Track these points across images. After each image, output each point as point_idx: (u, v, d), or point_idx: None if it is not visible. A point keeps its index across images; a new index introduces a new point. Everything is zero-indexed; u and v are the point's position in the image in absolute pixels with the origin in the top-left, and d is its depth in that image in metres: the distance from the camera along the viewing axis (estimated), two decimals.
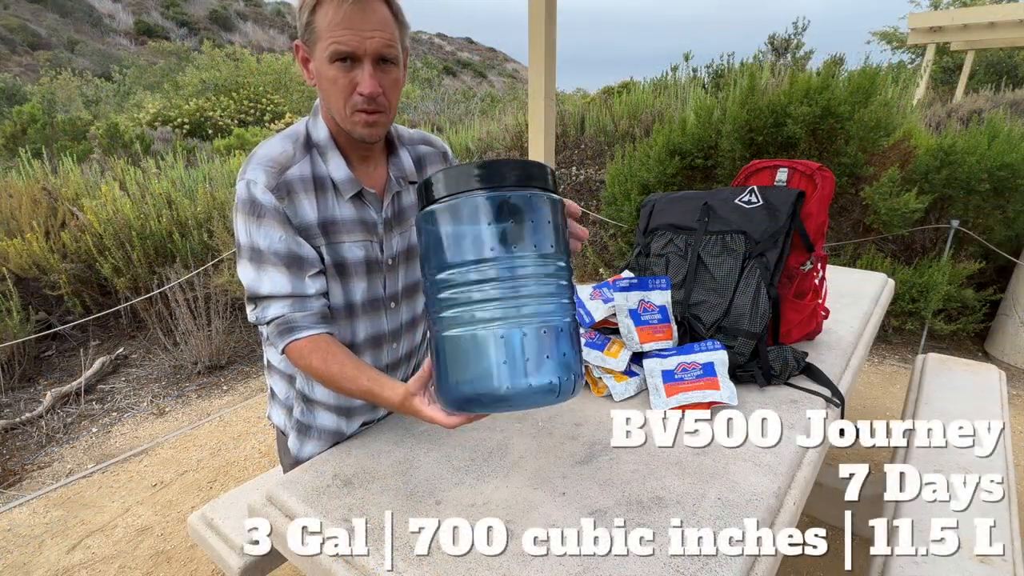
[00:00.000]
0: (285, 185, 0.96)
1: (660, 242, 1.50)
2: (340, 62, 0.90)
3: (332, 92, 0.93)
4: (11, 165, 5.96)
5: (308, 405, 1.15)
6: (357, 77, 0.91)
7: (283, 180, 0.96)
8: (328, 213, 1.01)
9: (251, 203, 0.95)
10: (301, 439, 1.17)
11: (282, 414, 1.21)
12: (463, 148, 6.97)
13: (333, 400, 1.13)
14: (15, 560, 2.05)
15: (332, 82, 0.92)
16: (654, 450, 1.06)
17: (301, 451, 1.17)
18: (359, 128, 0.96)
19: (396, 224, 1.10)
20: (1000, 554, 1.22)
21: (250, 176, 0.95)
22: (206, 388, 3.29)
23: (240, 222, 0.97)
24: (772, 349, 1.36)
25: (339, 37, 0.88)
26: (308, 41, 0.92)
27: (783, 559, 0.92)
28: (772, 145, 3.68)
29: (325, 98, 0.96)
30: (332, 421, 1.15)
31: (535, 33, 3.54)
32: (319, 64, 0.92)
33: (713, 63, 7.65)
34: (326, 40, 0.89)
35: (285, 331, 0.97)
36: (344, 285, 1.05)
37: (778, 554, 0.88)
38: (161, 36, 28.36)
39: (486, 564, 0.81)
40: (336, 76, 0.91)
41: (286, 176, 0.97)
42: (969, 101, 7.52)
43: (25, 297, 3.57)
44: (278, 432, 1.25)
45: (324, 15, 0.88)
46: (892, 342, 3.73)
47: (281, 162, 0.97)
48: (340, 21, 0.88)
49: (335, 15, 0.88)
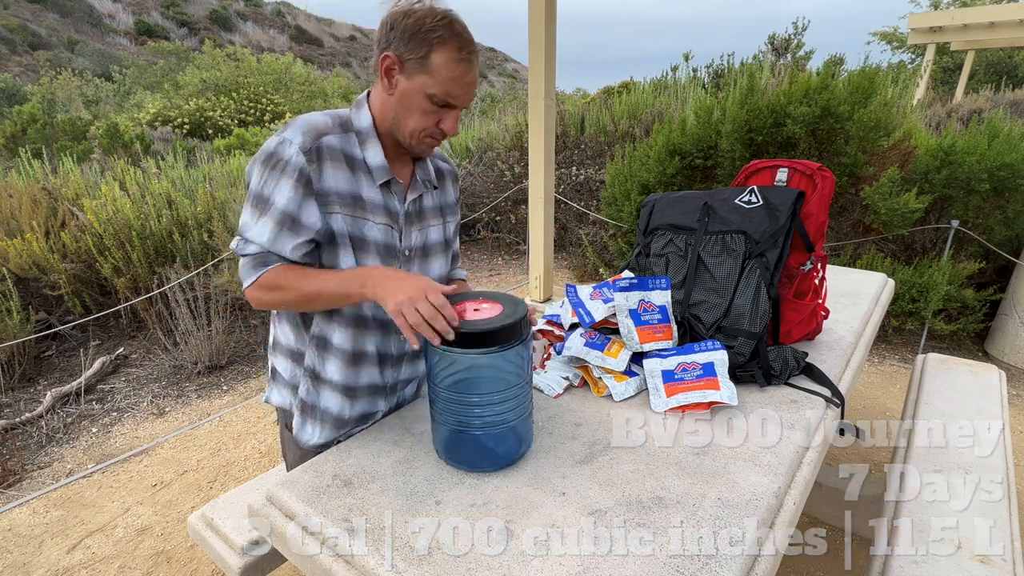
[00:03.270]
0: (318, 150, 1.02)
1: (660, 242, 1.50)
2: (439, 105, 1.02)
3: (415, 118, 1.04)
4: (11, 165, 5.96)
5: (315, 383, 1.15)
6: (443, 116, 1.04)
7: (318, 145, 1.02)
8: (356, 188, 1.06)
9: (277, 158, 1.00)
10: (303, 419, 1.17)
11: (286, 393, 1.20)
12: (463, 148, 6.98)
13: (340, 378, 1.14)
14: (15, 560, 2.05)
15: (421, 112, 1.03)
16: (654, 450, 1.07)
17: (302, 432, 1.17)
18: (422, 148, 1.08)
19: (416, 220, 1.16)
20: (1000, 554, 1.22)
21: (288, 135, 1.01)
22: (206, 388, 3.29)
23: (257, 170, 1.02)
24: (772, 349, 1.36)
25: (452, 90, 1.01)
26: (412, 66, 0.99)
27: (783, 559, 0.92)
28: (772, 145, 3.68)
29: (402, 114, 1.04)
30: (336, 403, 1.16)
31: (535, 33, 3.54)
32: (414, 91, 1.01)
33: (713, 63, 7.65)
34: (438, 84, 1.00)
35: (259, 264, 1.03)
36: (359, 258, 1.08)
37: (778, 554, 0.88)
38: (161, 36, 28.36)
39: (486, 564, 0.81)
40: (428, 109, 1.02)
41: (321, 142, 1.03)
42: (969, 101, 7.52)
43: (25, 297, 3.57)
44: (279, 414, 1.25)
45: (443, 60, 0.98)
46: (892, 342, 3.73)
47: (320, 129, 1.03)
48: (457, 76, 1.00)
49: (454, 68, 0.99)
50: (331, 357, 1.13)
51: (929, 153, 3.38)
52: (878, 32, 17.87)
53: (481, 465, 1.01)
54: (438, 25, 0.97)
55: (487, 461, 1.01)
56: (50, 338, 3.71)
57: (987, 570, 1.18)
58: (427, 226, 1.19)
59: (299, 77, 15.55)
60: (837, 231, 3.73)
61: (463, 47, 0.99)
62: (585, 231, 5.36)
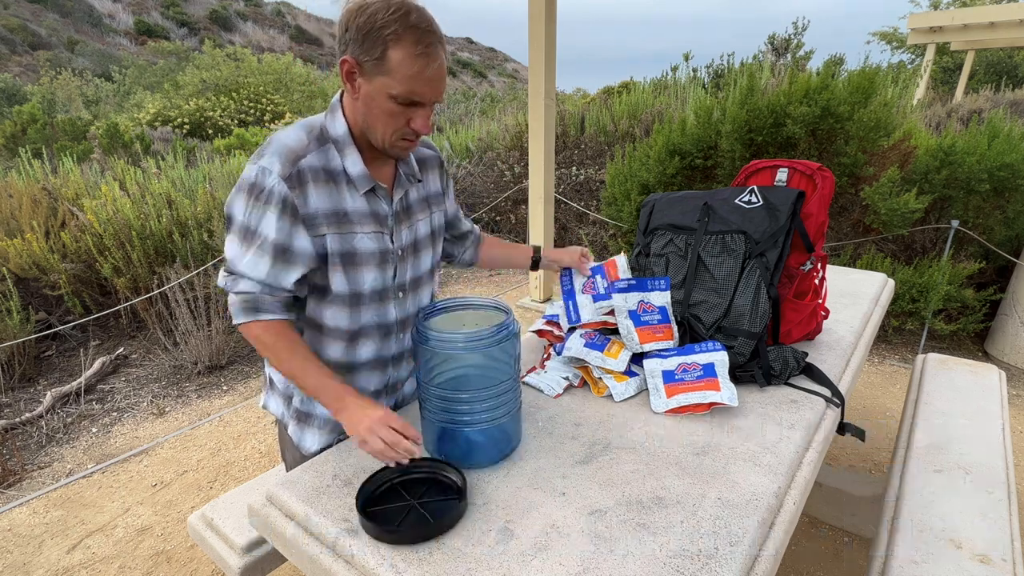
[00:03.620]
0: (299, 174, 0.99)
1: (660, 242, 1.50)
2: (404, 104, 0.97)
3: (383, 120, 0.99)
4: (11, 165, 5.96)
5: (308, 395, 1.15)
6: (412, 115, 0.99)
7: (297, 169, 0.99)
8: (340, 204, 1.04)
9: (260, 188, 0.98)
10: (301, 427, 1.17)
11: (280, 403, 1.21)
12: (463, 148, 6.97)
13: None
14: (15, 560, 2.05)
15: (388, 114, 0.98)
16: (654, 450, 1.07)
17: (302, 440, 1.17)
18: (397, 151, 1.04)
19: (404, 217, 1.15)
20: (1000, 554, 1.22)
21: (266, 164, 0.98)
22: (206, 388, 3.29)
23: (241, 201, 0.99)
24: (772, 349, 1.36)
25: (414, 87, 0.95)
26: (369, 68, 0.94)
27: (783, 558, 0.92)
28: (772, 145, 3.68)
29: (371, 120, 1.00)
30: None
31: (535, 33, 3.54)
32: (376, 93, 0.96)
33: (713, 63, 7.65)
34: (398, 84, 0.94)
35: (250, 309, 1.02)
36: (350, 274, 1.07)
37: (778, 554, 0.88)
38: (161, 36, 28.36)
39: (486, 564, 0.81)
40: (394, 110, 0.97)
41: (300, 165, 1.00)
42: (969, 101, 7.52)
43: (25, 297, 3.57)
44: (277, 421, 1.25)
45: (399, 58, 0.92)
46: (892, 342, 3.73)
47: (297, 151, 1.00)
48: (416, 73, 0.94)
49: (411, 65, 0.93)
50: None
51: (929, 153, 3.38)
52: (878, 32, 17.87)
53: (471, 461, 1.02)
54: (391, 20, 0.90)
55: (477, 457, 1.02)
56: (50, 338, 3.71)
57: (987, 570, 1.18)
58: (415, 221, 1.17)
59: (299, 77, 15.54)
60: (837, 231, 3.73)
61: (420, 40, 0.92)
62: (585, 231, 5.36)
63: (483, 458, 1.02)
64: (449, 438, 1.02)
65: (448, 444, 1.02)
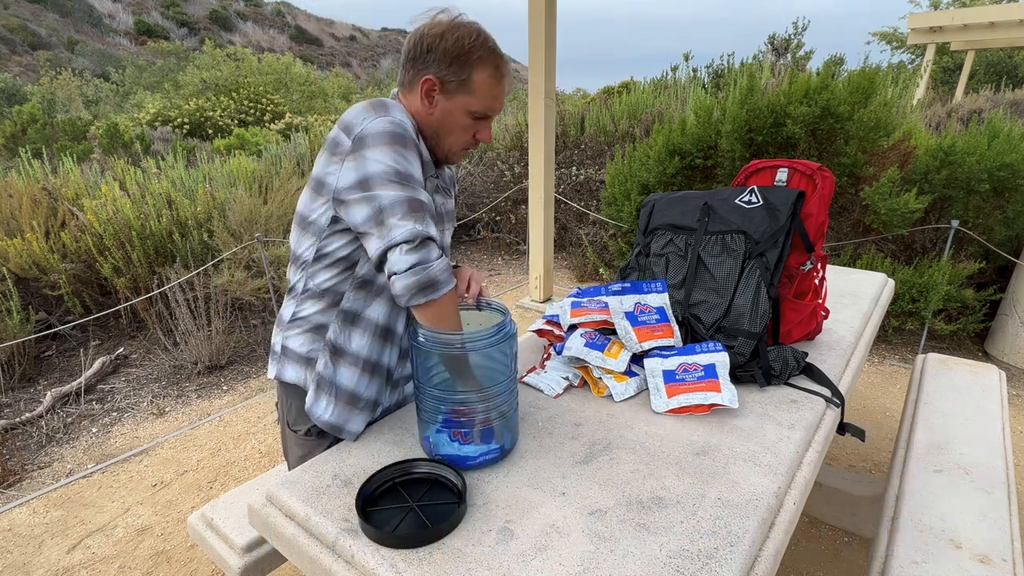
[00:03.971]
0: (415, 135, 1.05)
1: (660, 242, 1.50)
2: (477, 119, 1.08)
3: (456, 132, 1.09)
4: (11, 165, 5.96)
5: (335, 358, 1.14)
6: (479, 127, 1.11)
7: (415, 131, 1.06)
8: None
9: (405, 138, 1.00)
10: (318, 393, 1.15)
11: (300, 368, 1.17)
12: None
13: (364, 352, 1.15)
14: (15, 560, 2.05)
15: (462, 127, 1.09)
16: (654, 450, 1.07)
17: (315, 406, 1.15)
18: (458, 158, 1.15)
19: (438, 222, 1.18)
20: (1000, 554, 1.22)
21: (397, 117, 1.01)
22: (206, 388, 3.29)
23: (384, 151, 0.97)
24: (772, 349, 1.36)
25: (493, 104, 1.08)
26: (453, 87, 1.05)
27: (783, 558, 0.92)
28: (772, 145, 3.68)
29: (444, 132, 1.09)
30: (352, 379, 1.15)
31: (535, 33, 3.54)
32: (455, 108, 1.07)
33: (713, 63, 7.66)
34: (480, 101, 1.06)
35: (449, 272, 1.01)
36: None
37: (778, 554, 0.88)
38: (161, 36, 28.37)
39: (486, 564, 0.81)
40: (468, 124, 1.09)
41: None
42: (969, 101, 7.52)
43: (25, 297, 3.57)
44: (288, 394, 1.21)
45: (483, 78, 1.05)
46: (892, 342, 3.73)
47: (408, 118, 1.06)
48: (495, 93, 1.07)
49: (493, 85, 1.06)
50: (358, 330, 1.14)
51: (929, 153, 3.38)
52: (878, 32, 17.88)
53: (468, 463, 1.02)
54: (476, 45, 1.03)
55: (473, 459, 1.02)
56: (50, 338, 3.71)
57: (987, 570, 1.18)
58: (444, 229, 1.22)
59: (299, 77, 15.55)
60: (837, 231, 3.74)
61: (499, 64, 1.06)
62: (585, 231, 5.36)
63: (480, 460, 1.02)
64: (445, 439, 1.02)
65: (444, 445, 1.02)
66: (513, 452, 1.07)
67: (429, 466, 0.99)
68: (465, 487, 0.92)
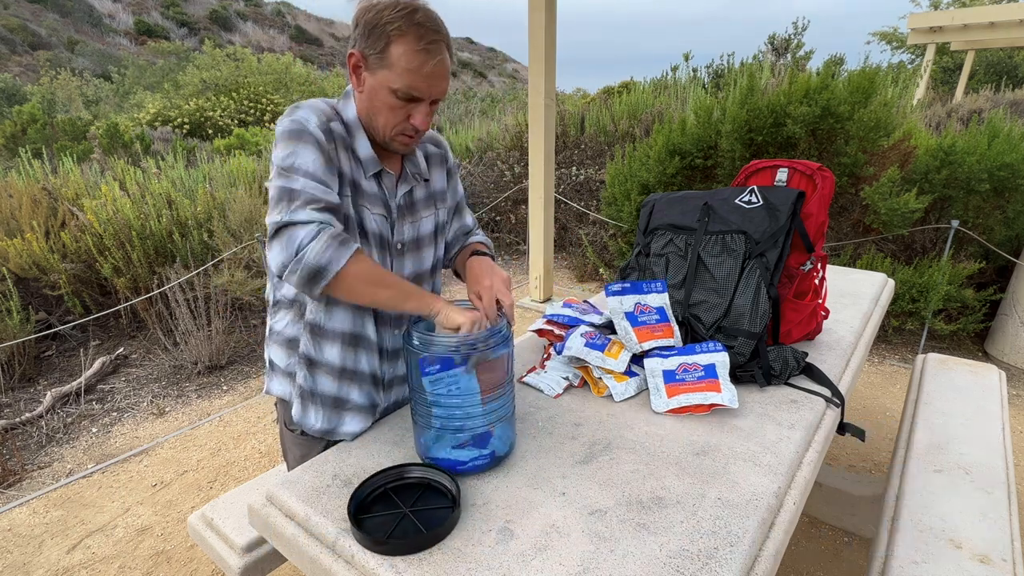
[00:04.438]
0: (330, 133, 1.03)
1: (660, 242, 1.50)
2: (404, 99, 1.00)
3: (384, 113, 1.03)
4: (11, 165, 5.96)
5: (311, 369, 1.14)
6: (412, 111, 1.02)
7: (328, 127, 1.03)
8: (356, 176, 1.07)
9: (299, 131, 0.99)
10: (305, 405, 1.16)
11: (285, 383, 1.19)
12: (463, 148, 6.98)
13: (338, 361, 1.13)
14: (15, 560, 2.05)
15: (389, 108, 1.02)
16: (654, 450, 1.06)
17: (305, 419, 1.16)
18: (396, 145, 1.07)
19: (408, 213, 1.16)
20: (1000, 554, 1.22)
21: (302, 116, 1.00)
22: (206, 388, 3.29)
23: (280, 148, 0.99)
24: (772, 349, 1.36)
25: (413, 83, 0.98)
26: (373, 62, 0.99)
27: (783, 558, 0.92)
28: (772, 145, 3.68)
29: (372, 112, 1.04)
30: (332, 387, 1.15)
31: (535, 33, 3.54)
32: (378, 86, 1.00)
33: (713, 63, 7.66)
34: (399, 78, 0.98)
35: (345, 240, 0.96)
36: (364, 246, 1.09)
37: (778, 554, 0.88)
38: (161, 36, 28.37)
39: (486, 564, 0.81)
40: (394, 105, 1.01)
41: (330, 126, 1.03)
42: (969, 101, 7.52)
43: (25, 297, 3.57)
44: (278, 411, 1.24)
45: (401, 53, 0.96)
46: (892, 342, 3.73)
47: (327, 115, 1.04)
48: (416, 68, 0.97)
49: (412, 60, 0.97)
50: (327, 341, 1.12)
51: (929, 153, 3.38)
52: (878, 32, 17.88)
53: (462, 468, 1.00)
54: (396, 17, 0.95)
55: (469, 464, 1.00)
56: (50, 338, 3.71)
57: (987, 570, 1.18)
58: (419, 218, 1.19)
59: (299, 77, 15.54)
60: (837, 231, 3.73)
61: (423, 37, 0.96)
62: (585, 231, 5.36)
63: (475, 465, 1.00)
64: (440, 444, 1.00)
65: (439, 450, 1.01)
66: (513, 452, 1.07)
67: (422, 471, 0.98)
68: (459, 492, 0.92)
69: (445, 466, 1.00)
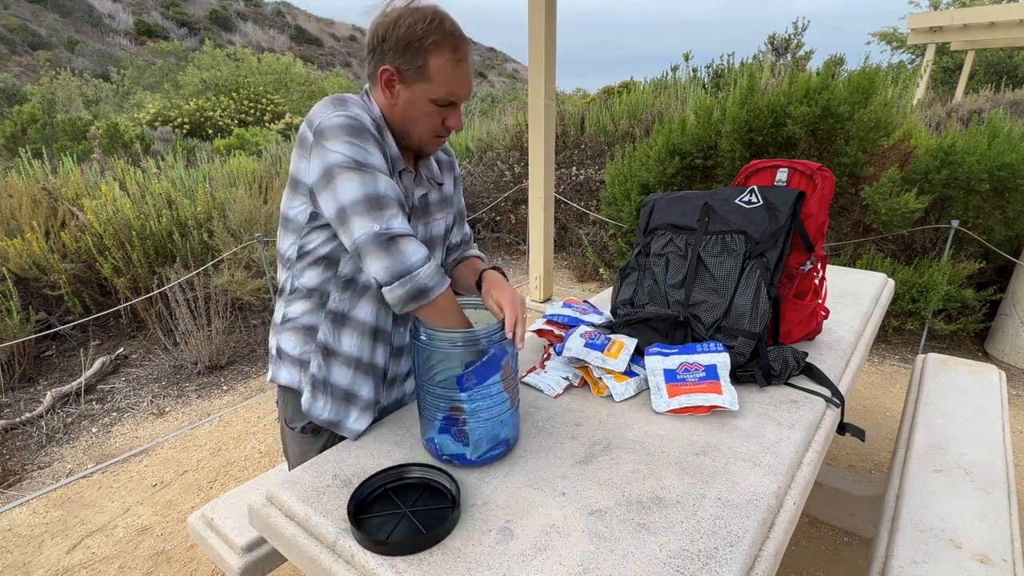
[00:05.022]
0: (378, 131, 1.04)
1: (660, 242, 1.50)
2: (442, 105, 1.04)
3: (421, 121, 1.06)
4: (11, 165, 5.96)
5: (327, 359, 1.14)
6: (447, 114, 1.07)
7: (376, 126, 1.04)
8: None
9: (360, 128, 0.99)
10: (314, 394, 1.16)
11: (294, 371, 1.18)
12: (463, 148, 6.98)
13: (355, 352, 1.14)
14: (15, 560, 2.05)
15: (426, 115, 1.05)
16: (654, 450, 1.07)
17: (312, 407, 1.16)
18: (431, 148, 1.12)
19: (422, 215, 1.17)
20: (1000, 554, 1.22)
21: (352, 111, 1.00)
22: (206, 388, 3.29)
23: (341, 143, 0.97)
24: (772, 349, 1.36)
25: (453, 90, 1.03)
26: (411, 76, 1.02)
27: (783, 558, 0.92)
28: (772, 145, 3.68)
29: (409, 122, 1.07)
30: (346, 378, 1.15)
31: (535, 33, 3.54)
32: (417, 98, 1.03)
33: (713, 63, 7.65)
34: (440, 88, 1.02)
35: (439, 268, 1.02)
36: None
37: (778, 554, 0.88)
38: (161, 36, 28.37)
39: (486, 564, 0.81)
40: (432, 112, 1.05)
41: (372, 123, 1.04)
42: (969, 101, 7.52)
43: (25, 297, 3.57)
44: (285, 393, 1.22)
45: (440, 64, 1.00)
46: (892, 342, 3.73)
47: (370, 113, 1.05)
48: (456, 78, 1.02)
49: (452, 71, 1.01)
50: (348, 331, 1.13)
51: (929, 153, 3.38)
52: (878, 32, 17.88)
53: (468, 460, 1.02)
54: (429, 30, 0.97)
55: (474, 456, 1.02)
56: (50, 338, 3.71)
57: (987, 570, 1.18)
58: (432, 220, 1.20)
59: (299, 77, 15.55)
60: (837, 231, 3.73)
61: (457, 47, 1.00)
62: (585, 231, 5.36)
63: (481, 456, 1.02)
64: (446, 436, 1.02)
65: (450, 445, 1.02)
66: (513, 452, 1.07)
67: (422, 471, 0.99)
68: (459, 492, 0.92)
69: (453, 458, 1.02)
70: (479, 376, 0.96)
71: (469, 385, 0.97)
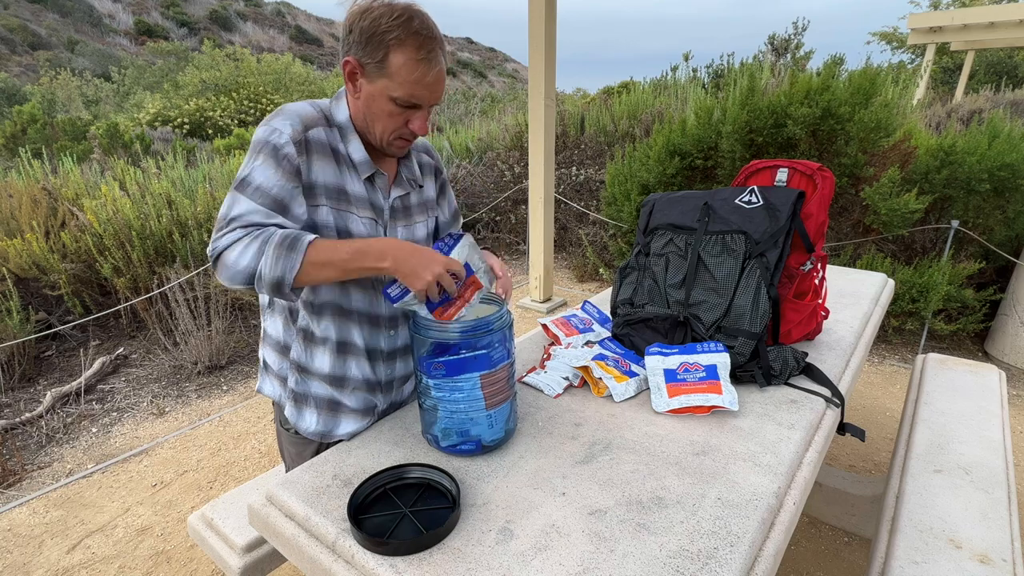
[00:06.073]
0: (307, 142, 1.01)
1: (660, 242, 1.50)
2: (404, 106, 1.00)
3: (382, 119, 1.03)
4: (11, 165, 5.96)
5: (302, 375, 1.15)
6: (410, 116, 1.03)
7: (306, 137, 1.01)
8: (341, 182, 1.06)
9: (265, 144, 0.98)
10: (298, 408, 1.17)
11: (276, 385, 1.20)
12: (463, 148, 6.97)
13: (328, 369, 1.14)
14: (15, 560, 2.05)
15: (387, 114, 1.02)
16: (654, 450, 1.07)
17: (300, 421, 1.16)
18: (393, 150, 1.08)
19: (402, 216, 1.16)
20: (1000, 554, 1.22)
21: (277, 125, 0.99)
22: (206, 388, 3.29)
23: (246, 158, 1.00)
24: (772, 349, 1.36)
25: (413, 91, 0.98)
26: (372, 70, 0.98)
27: (783, 558, 0.92)
28: (772, 145, 3.68)
29: (370, 118, 1.03)
30: (325, 391, 1.15)
31: (535, 33, 3.54)
32: (377, 94, 1.00)
33: (713, 63, 7.66)
34: (399, 86, 0.98)
35: (292, 244, 0.95)
36: None
37: (778, 554, 0.88)
38: (161, 36, 28.36)
39: (486, 564, 0.81)
40: (393, 111, 1.01)
41: (309, 134, 1.02)
42: (969, 101, 7.52)
43: (25, 297, 3.57)
44: (275, 411, 1.25)
45: (402, 62, 0.96)
46: (892, 342, 3.73)
47: (307, 121, 1.02)
48: (416, 78, 0.97)
49: (412, 69, 0.96)
50: (318, 348, 1.13)
51: (929, 153, 3.38)
52: (878, 32, 17.88)
53: (468, 448, 1.04)
54: (394, 25, 0.94)
55: (474, 444, 1.04)
56: (50, 338, 3.71)
57: (987, 570, 1.18)
58: (413, 223, 1.19)
59: (299, 77, 15.55)
60: (837, 231, 3.73)
61: (422, 46, 0.96)
62: (585, 231, 5.36)
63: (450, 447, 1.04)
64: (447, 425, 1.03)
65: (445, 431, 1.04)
66: (513, 452, 1.07)
67: (422, 471, 0.99)
68: (459, 492, 0.92)
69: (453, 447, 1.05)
70: (448, 369, 0.97)
71: (436, 374, 0.98)
